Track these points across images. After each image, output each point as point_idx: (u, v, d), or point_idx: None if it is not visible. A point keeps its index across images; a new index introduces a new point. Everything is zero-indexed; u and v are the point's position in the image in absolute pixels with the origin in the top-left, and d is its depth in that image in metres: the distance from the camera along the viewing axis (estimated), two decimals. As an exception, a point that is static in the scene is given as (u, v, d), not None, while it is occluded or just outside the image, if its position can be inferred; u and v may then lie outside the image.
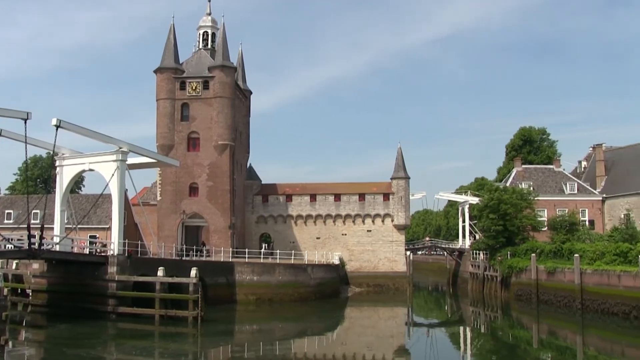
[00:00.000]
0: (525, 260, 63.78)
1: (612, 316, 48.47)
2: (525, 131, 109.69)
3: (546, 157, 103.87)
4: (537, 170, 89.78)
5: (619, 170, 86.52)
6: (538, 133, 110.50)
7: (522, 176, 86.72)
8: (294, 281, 61.50)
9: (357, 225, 78.56)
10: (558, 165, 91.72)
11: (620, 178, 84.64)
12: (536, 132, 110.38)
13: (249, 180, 78.78)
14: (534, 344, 42.68)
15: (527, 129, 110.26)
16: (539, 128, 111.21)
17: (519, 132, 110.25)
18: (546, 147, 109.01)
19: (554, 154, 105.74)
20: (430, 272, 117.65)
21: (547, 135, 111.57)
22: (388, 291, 75.21)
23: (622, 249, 52.02)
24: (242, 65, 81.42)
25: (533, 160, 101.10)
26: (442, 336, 48.19)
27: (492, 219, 70.15)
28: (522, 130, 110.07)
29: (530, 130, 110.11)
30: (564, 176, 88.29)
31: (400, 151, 79.83)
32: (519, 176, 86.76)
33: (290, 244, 76.57)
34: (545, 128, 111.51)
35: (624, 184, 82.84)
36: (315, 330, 47.07)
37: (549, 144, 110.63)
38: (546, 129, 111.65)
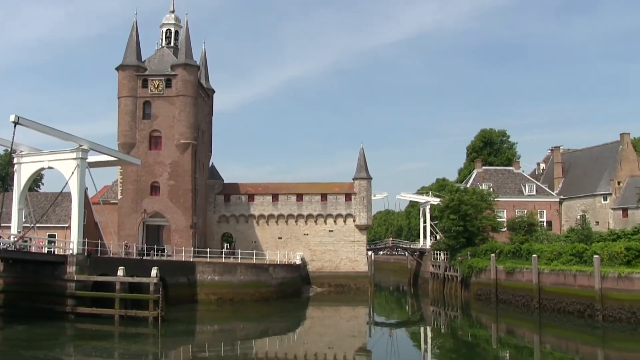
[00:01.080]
0: (484, 261, 64.76)
1: (568, 315, 49.65)
2: (486, 133, 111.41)
3: (506, 158, 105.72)
4: (497, 171, 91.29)
5: (575, 173, 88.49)
6: (498, 135, 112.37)
7: (482, 177, 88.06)
8: (256, 281, 61.37)
9: (319, 225, 78.75)
10: (517, 167, 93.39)
11: (577, 180, 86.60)
12: (496, 134, 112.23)
13: (211, 179, 78.36)
14: (493, 343, 43.42)
15: (488, 131, 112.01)
16: (499, 130, 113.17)
17: (480, 133, 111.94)
18: (506, 149, 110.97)
19: (513, 156, 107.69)
20: (392, 272, 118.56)
21: (507, 138, 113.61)
22: (349, 291, 75.58)
23: (577, 250, 53.27)
24: (205, 64, 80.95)
25: (493, 162, 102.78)
26: (403, 335, 48.67)
27: (452, 220, 70.99)
28: (483, 132, 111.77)
29: (491, 132, 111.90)
30: (523, 178, 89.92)
31: (362, 152, 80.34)
32: (479, 177, 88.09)
33: (252, 243, 76.40)
34: (505, 130, 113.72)
35: (580, 186, 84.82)
36: (277, 330, 47.08)
37: (509, 146, 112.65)
38: (506, 131, 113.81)
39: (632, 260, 47.91)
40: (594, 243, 54.84)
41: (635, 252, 48.21)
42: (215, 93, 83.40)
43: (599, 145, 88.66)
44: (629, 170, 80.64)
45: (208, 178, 77.88)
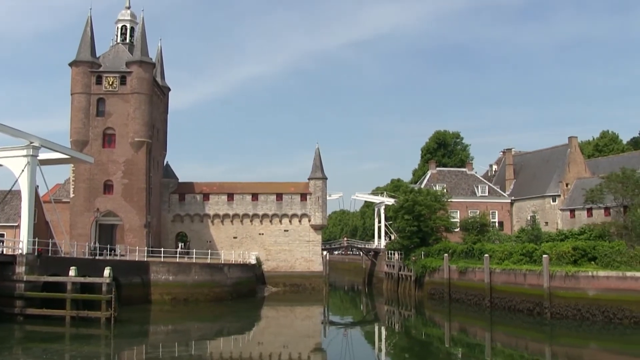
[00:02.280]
0: (438, 260, 65.75)
1: (518, 313, 50.97)
2: (440, 135, 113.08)
3: (459, 160, 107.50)
4: (451, 172, 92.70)
5: (526, 174, 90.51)
6: (452, 137, 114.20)
7: (436, 178, 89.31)
8: (210, 281, 61.09)
9: (275, 225, 78.75)
10: (470, 168, 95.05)
11: (527, 182, 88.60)
12: (450, 135, 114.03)
13: (166, 178, 77.60)
14: (446, 342, 44.20)
15: (442, 132, 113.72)
16: (453, 132, 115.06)
17: (434, 135, 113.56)
18: (460, 151, 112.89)
19: (466, 158, 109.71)
20: (347, 272, 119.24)
21: (460, 139, 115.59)
22: (304, 291, 75.79)
23: (528, 249, 54.69)
24: (161, 62, 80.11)
25: (447, 163, 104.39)
26: (358, 335, 49.04)
27: (407, 220, 71.81)
28: (437, 133, 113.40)
29: (445, 134, 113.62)
30: (475, 179, 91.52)
31: (317, 152, 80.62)
32: (434, 178, 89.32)
33: (207, 243, 75.97)
34: (459, 132, 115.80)
35: (530, 188, 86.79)
36: (232, 330, 46.93)
37: (462, 148, 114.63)
38: (460, 133, 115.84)
39: (578, 260, 49.53)
40: (543, 243, 56.42)
41: (581, 252, 49.86)
42: (170, 91, 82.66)
43: (548, 148, 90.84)
44: (577, 172, 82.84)
45: (163, 177, 77.11)
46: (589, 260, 49.31)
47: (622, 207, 63.56)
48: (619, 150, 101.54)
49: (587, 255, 49.64)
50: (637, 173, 63.60)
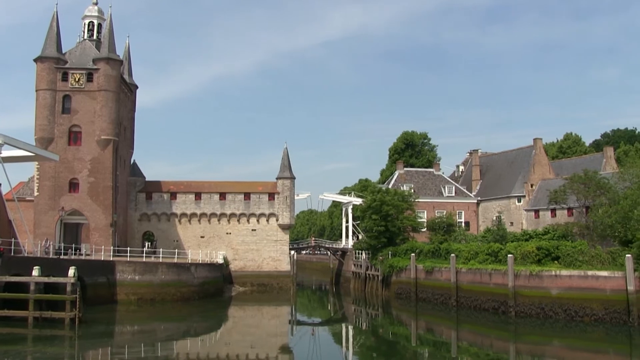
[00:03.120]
0: (405, 260, 66.26)
1: (484, 311, 51.75)
2: (408, 135, 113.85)
3: (427, 160, 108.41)
4: (418, 173, 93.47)
5: (492, 175, 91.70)
6: (420, 137, 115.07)
7: (403, 179, 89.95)
8: (177, 280, 60.70)
9: (242, 224, 78.54)
10: (437, 168, 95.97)
11: (493, 182, 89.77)
12: (418, 136, 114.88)
13: (133, 176, 76.83)
14: (413, 340, 44.67)
15: (410, 133, 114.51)
16: (420, 133, 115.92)
17: (402, 136, 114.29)
18: (427, 151, 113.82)
19: (434, 158, 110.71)
20: (314, 272, 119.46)
21: (428, 140, 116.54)
22: (272, 290, 75.72)
23: (493, 249, 55.48)
24: (128, 59, 79.24)
25: (414, 164, 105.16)
26: (325, 334, 49.22)
27: (374, 220, 72.20)
28: (405, 134, 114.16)
29: (413, 134, 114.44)
30: (442, 179, 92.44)
31: (286, 151, 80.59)
32: (401, 179, 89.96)
33: (174, 242, 75.44)
34: (427, 133, 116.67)
35: (496, 188, 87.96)
36: (199, 330, 46.75)
37: (430, 148, 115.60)
38: (427, 133, 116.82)
39: (542, 259, 50.45)
40: (509, 243, 57.26)
41: (545, 252, 50.79)
42: (138, 89, 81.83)
43: (514, 150, 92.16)
44: (541, 173, 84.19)
45: (129, 175, 76.33)
46: (552, 259, 50.25)
47: (584, 207, 64.81)
48: (581, 152, 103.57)
49: (550, 254, 50.60)
50: (598, 175, 64.93)
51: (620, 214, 49.92)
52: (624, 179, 56.45)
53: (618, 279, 44.68)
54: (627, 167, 60.50)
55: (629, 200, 50.02)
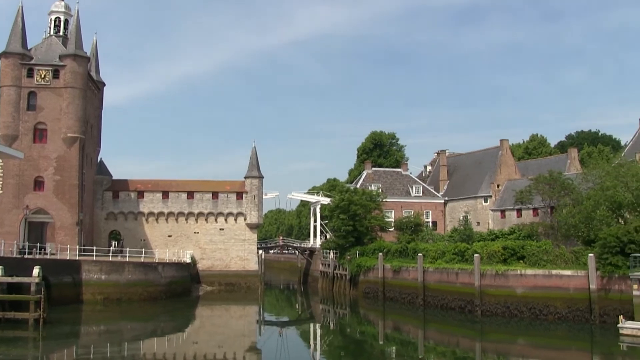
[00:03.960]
0: (372, 259, 66.64)
1: (450, 311, 52.34)
2: (376, 135, 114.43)
3: (395, 160, 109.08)
4: (386, 173, 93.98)
5: (459, 175, 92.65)
6: (388, 137, 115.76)
7: (371, 178, 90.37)
8: (144, 280, 60.19)
9: (210, 223, 78.17)
10: (405, 168, 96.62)
11: (460, 182, 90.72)
12: (386, 136, 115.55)
13: (99, 175, 75.88)
14: (380, 339, 44.95)
15: (378, 133, 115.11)
16: (389, 133, 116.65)
17: (370, 135, 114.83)
18: (395, 151, 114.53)
19: (402, 158, 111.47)
20: (282, 271, 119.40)
21: (396, 140, 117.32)
22: (240, 290, 75.50)
23: (460, 249, 56.12)
24: (96, 56, 78.24)
25: (382, 164, 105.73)
26: (293, 334, 49.26)
27: (342, 219, 72.47)
28: (373, 134, 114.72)
29: (381, 134, 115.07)
30: (410, 179, 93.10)
31: (254, 150, 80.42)
32: (369, 178, 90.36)
33: (141, 241, 74.69)
34: (395, 133, 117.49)
35: (463, 188, 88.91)
36: (166, 330, 46.45)
37: (398, 149, 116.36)
38: (395, 134, 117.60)
39: (508, 259, 51.19)
40: (475, 243, 57.98)
41: (510, 251, 51.54)
42: (105, 86, 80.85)
43: (481, 150, 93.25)
44: (507, 174, 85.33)
45: (96, 174, 75.38)
46: (517, 259, 51.01)
47: (549, 207, 65.85)
48: (547, 153, 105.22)
49: (516, 254, 51.35)
50: (563, 175, 66.05)
51: (584, 214, 50.86)
52: (587, 179, 57.46)
53: (581, 278, 45.58)
54: (590, 168, 61.59)
55: (591, 201, 50.99)
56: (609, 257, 44.36)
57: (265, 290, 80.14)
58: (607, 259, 44.51)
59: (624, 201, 49.15)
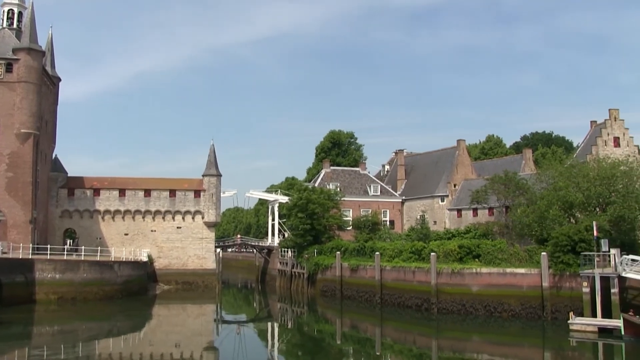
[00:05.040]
0: (330, 258, 66.94)
1: (407, 309, 52.97)
2: (335, 134, 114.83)
3: (353, 159, 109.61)
4: (344, 172, 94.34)
5: (416, 175, 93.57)
6: (346, 137, 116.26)
7: (330, 177, 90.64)
8: (100, 279, 59.32)
9: (167, 221, 77.44)
10: (363, 168, 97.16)
11: (418, 182, 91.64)
12: (345, 135, 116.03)
13: (54, 172, 74.41)
14: (337, 338, 45.14)
15: (337, 132, 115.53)
16: (347, 132, 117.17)
17: (329, 134, 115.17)
18: (353, 151, 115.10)
19: (360, 157, 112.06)
20: (240, 270, 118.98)
21: (354, 139, 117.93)
22: (197, 288, 74.99)
23: (417, 247, 56.78)
24: (51, 50, 76.60)
25: (341, 163, 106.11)
26: (251, 332, 49.18)
27: (300, 218, 72.59)
28: (332, 133, 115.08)
29: (339, 133, 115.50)
30: (368, 179, 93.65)
31: (212, 148, 79.96)
32: (327, 177, 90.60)
33: (97, 240, 73.56)
34: (353, 132, 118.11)
35: (420, 188, 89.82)
36: (122, 330, 45.87)
37: (356, 148, 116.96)
38: (354, 133, 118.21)
39: (463, 257, 52.04)
40: (432, 241, 58.74)
41: (466, 250, 52.41)
42: (61, 81, 79.23)
43: (438, 150, 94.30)
44: (464, 173, 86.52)
45: (51, 171, 73.90)
46: (473, 257, 51.88)
47: (504, 207, 67.06)
48: (502, 154, 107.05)
49: (471, 253, 52.23)
50: (517, 176, 67.34)
51: (537, 214, 51.92)
52: (541, 180, 58.67)
53: (534, 276, 46.63)
54: (544, 168, 62.95)
55: (545, 201, 52.09)
56: (561, 256, 45.52)
57: (223, 289, 79.82)
58: (559, 257, 45.65)
59: (575, 201, 50.35)
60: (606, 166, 52.26)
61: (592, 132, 73.20)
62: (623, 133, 69.86)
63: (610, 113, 70.10)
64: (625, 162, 53.64)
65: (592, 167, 54.19)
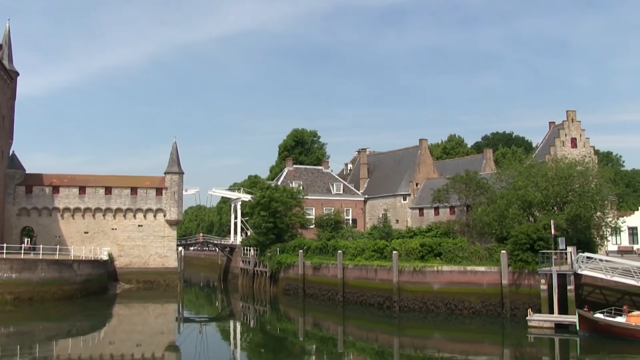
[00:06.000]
0: (293, 257, 66.97)
1: (369, 307, 53.29)
2: (298, 133, 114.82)
3: (316, 158, 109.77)
4: (307, 170, 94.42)
5: (379, 174, 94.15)
6: (309, 135, 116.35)
7: (292, 176, 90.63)
8: (59, 278, 58.26)
9: (128, 219, 76.51)
10: (326, 166, 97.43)
11: (380, 181, 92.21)
12: (308, 134, 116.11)
13: (12, 169, 72.84)
14: (300, 336, 45.28)
15: (300, 130, 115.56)
16: (310, 130, 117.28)
17: (292, 133, 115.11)
18: (316, 149, 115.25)
19: (323, 156, 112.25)
20: (202, 268, 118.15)
21: (317, 138, 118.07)
22: (158, 287, 74.26)
23: (379, 246, 57.16)
24: (8, 43, 74.80)
25: (304, 161, 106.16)
26: (213, 331, 48.90)
27: (263, 216, 72.40)
28: (295, 131, 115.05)
29: (303, 132, 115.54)
30: (331, 177, 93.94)
31: (175, 146, 79.27)
32: (290, 175, 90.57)
33: (56, 238, 72.27)
34: (317, 131, 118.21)
35: (383, 187, 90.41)
36: (81, 330, 45.16)
37: (319, 146, 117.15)
38: (317, 131, 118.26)
39: (425, 256, 52.52)
40: (394, 240, 59.17)
41: (428, 248, 52.91)
42: (19, 76, 77.58)
43: (400, 149, 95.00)
44: (426, 173, 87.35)
45: (8, 167, 72.33)
46: (434, 256, 52.41)
47: (465, 206, 67.92)
48: (464, 153, 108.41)
49: (433, 251, 52.74)
50: (478, 175, 68.26)
51: (497, 213, 52.67)
52: (501, 179, 59.53)
53: (494, 274, 47.33)
54: (504, 168, 63.96)
55: (504, 200, 52.87)
56: (520, 254, 46.29)
57: (185, 287, 79.24)
58: (518, 255, 46.42)
59: (534, 200, 51.20)
60: (563, 166, 53.29)
61: (551, 132, 74.63)
62: (580, 134, 71.39)
63: (568, 114, 71.54)
64: (582, 162, 54.86)
65: (550, 167, 55.17)
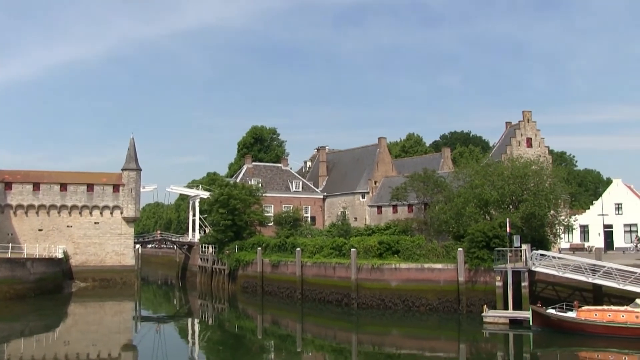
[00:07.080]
0: (251, 254, 66.82)
1: (328, 304, 53.51)
2: (257, 130, 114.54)
3: (275, 155, 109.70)
4: (266, 168, 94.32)
5: (338, 172, 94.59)
6: (269, 133, 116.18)
7: (251, 173, 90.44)
8: (10, 277, 57.01)
9: (84, 216, 75.33)
10: (285, 164, 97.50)
11: (339, 179, 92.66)
12: (267, 131, 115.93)
13: (-39, 165, 71.10)
14: (259, 334, 45.25)
15: (259, 128, 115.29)
16: (270, 128, 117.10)
17: (251, 130, 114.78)
18: (276, 147, 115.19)
19: (282, 153, 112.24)
20: (160, 266, 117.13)
21: (277, 135, 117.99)
22: (115, 285, 73.33)
23: (337, 243, 57.44)
24: (-43, 37, 73.11)
25: (263, 158, 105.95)
26: (171, 329, 48.50)
27: (221, 214, 72.05)
28: (254, 129, 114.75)
29: (262, 129, 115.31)
30: (290, 175, 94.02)
31: (132, 142, 78.29)
32: (249, 173, 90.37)
33: (8, 236, 70.66)
34: (276, 128, 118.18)
35: (342, 184, 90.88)
36: (35, 330, 44.25)
37: (279, 144, 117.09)
38: (276, 129, 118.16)
39: (383, 253, 52.95)
40: (352, 237, 59.58)
41: (386, 246, 53.33)
42: (-32, 70, 75.85)
43: (359, 147, 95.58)
44: (385, 171, 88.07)
45: (-43, 164, 70.60)
46: (392, 253, 52.84)
47: (423, 204, 68.65)
48: (422, 152, 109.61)
49: (391, 248, 53.15)
50: (436, 174, 69.09)
51: (454, 211, 53.38)
52: (458, 178, 60.30)
53: (451, 271, 47.97)
54: (461, 167, 64.88)
55: (461, 198, 53.60)
56: (476, 251, 46.96)
57: (142, 285, 78.41)
58: (474, 252, 47.09)
59: (490, 199, 52.01)
60: (519, 165, 54.22)
61: (507, 132, 75.96)
62: (535, 134, 72.85)
63: (524, 115, 72.91)
64: (537, 161, 55.98)
65: (506, 166, 56.08)
